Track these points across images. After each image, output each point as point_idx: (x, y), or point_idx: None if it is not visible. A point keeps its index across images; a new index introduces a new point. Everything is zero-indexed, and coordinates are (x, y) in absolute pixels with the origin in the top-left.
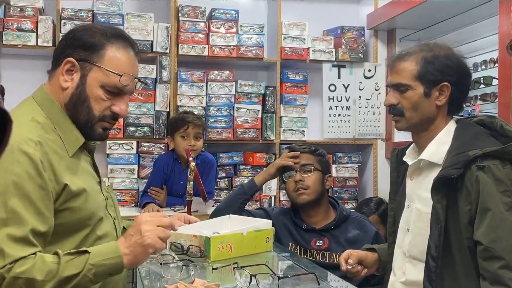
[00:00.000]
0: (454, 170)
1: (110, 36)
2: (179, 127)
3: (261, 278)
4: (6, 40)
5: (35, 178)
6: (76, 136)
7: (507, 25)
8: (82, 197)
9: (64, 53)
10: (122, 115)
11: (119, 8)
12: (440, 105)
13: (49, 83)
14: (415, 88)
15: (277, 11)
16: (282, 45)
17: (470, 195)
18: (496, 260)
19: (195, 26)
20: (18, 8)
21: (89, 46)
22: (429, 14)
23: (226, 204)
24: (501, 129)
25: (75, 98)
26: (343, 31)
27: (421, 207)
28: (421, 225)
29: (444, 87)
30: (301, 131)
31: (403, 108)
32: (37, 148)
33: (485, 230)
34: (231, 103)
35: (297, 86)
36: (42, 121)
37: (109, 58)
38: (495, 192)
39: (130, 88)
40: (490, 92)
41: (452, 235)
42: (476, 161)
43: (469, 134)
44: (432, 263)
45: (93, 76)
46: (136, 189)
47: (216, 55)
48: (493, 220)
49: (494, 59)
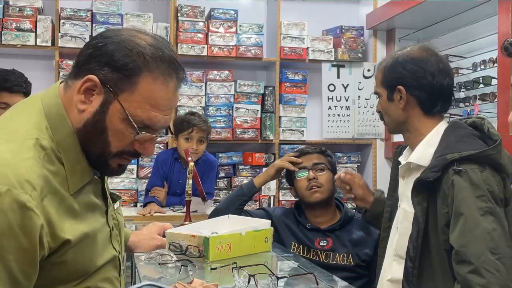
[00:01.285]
0: (431, 174)
1: (151, 59)
2: (184, 129)
3: (259, 278)
4: (5, 40)
5: (19, 236)
6: (83, 170)
7: (506, 25)
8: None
9: (87, 65)
10: (146, 156)
11: (118, 8)
12: (403, 108)
13: (65, 93)
14: (382, 94)
15: (276, 11)
16: (281, 45)
17: (447, 199)
18: (466, 264)
19: (194, 26)
20: (17, 8)
21: (121, 67)
22: (428, 14)
23: (225, 205)
24: (488, 132)
25: (90, 127)
26: (343, 31)
27: (407, 207)
28: (406, 225)
29: (399, 90)
30: (300, 131)
31: (381, 113)
32: (34, 194)
33: (457, 234)
34: (230, 103)
35: (296, 86)
36: (48, 145)
37: (141, 89)
38: (470, 197)
39: (161, 126)
40: (490, 92)
41: (431, 237)
42: (453, 165)
43: (455, 137)
44: (410, 264)
45: (118, 107)
46: (135, 189)
47: (215, 55)
48: (465, 224)
49: (493, 59)
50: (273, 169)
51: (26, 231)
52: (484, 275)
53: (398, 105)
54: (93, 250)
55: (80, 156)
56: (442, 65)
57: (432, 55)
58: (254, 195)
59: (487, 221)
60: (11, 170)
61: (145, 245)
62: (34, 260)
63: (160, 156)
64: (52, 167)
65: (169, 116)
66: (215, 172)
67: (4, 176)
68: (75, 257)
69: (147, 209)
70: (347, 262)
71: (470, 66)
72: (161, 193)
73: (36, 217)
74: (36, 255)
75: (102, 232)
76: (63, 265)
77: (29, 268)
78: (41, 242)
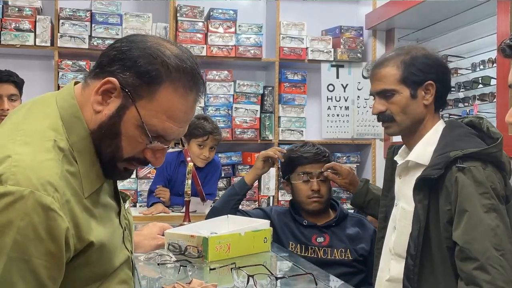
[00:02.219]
0: (435, 171)
1: (174, 69)
2: (199, 135)
3: (258, 278)
4: (4, 40)
5: (45, 240)
6: (97, 173)
7: (505, 25)
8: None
9: (110, 67)
10: (156, 166)
11: (117, 8)
12: (428, 104)
13: (82, 91)
14: (401, 91)
15: (275, 11)
16: (281, 45)
17: (450, 196)
18: (471, 261)
19: (194, 26)
20: (16, 8)
21: (143, 74)
22: (428, 14)
23: (220, 205)
24: (487, 131)
25: (104, 129)
26: (342, 31)
27: (406, 206)
28: (405, 223)
29: (429, 85)
30: (299, 131)
31: (392, 113)
32: (56, 196)
33: (461, 231)
34: (229, 103)
35: (295, 86)
36: (65, 146)
37: (160, 99)
38: (474, 194)
39: (174, 138)
40: (489, 92)
41: (432, 234)
42: (456, 162)
43: (454, 135)
44: (411, 262)
45: (134, 114)
46: (134, 189)
47: (215, 55)
48: (469, 221)
49: (492, 59)
50: (259, 161)
51: (53, 234)
52: (489, 271)
53: (422, 102)
54: (111, 251)
55: (95, 159)
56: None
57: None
58: (247, 193)
59: (491, 218)
60: (32, 172)
61: (146, 245)
62: (61, 263)
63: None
64: (71, 168)
65: (183, 129)
66: (218, 173)
67: (26, 179)
68: (97, 259)
69: (151, 209)
70: (345, 257)
71: (469, 66)
72: (166, 194)
73: (60, 219)
74: (62, 258)
75: (117, 233)
76: (86, 267)
77: (56, 272)
78: (67, 244)
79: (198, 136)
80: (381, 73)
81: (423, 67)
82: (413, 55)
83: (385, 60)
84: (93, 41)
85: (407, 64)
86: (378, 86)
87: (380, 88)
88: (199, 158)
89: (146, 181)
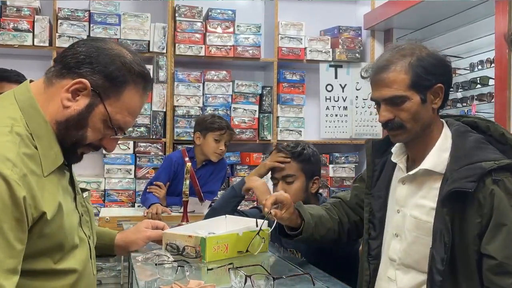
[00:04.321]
0: (470, 184)
1: (136, 74)
2: (217, 129)
3: (256, 278)
4: (2, 40)
5: (9, 206)
6: (56, 154)
7: (503, 25)
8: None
9: (79, 69)
10: (109, 151)
11: (116, 8)
12: (436, 108)
13: (44, 88)
14: (412, 97)
15: (274, 11)
16: (279, 45)
17: (482, 208)
18: (510, 275)
19: (192, 26)
20: (15, 8)
21: (112, 79)
22: (426, 14)
23: (219, 207)
24: (501, 137)
25: (72, 123)
26: (340, 31)
27: (419, 215)
28: (418, 234)
29: (438, 89)
30: (298, 131)
31: (402, 120)
32: (15, 170)
33: (499, 245)
34: (228, 103)
35: (294, 86)
36: (22, 132)
37: (125, 98)
38: (509, 207)
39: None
40: (487, 92)
41: (457, 247)
42: (491, 175)
43: (470, 142)
44: (438, 277)
45: (102, 111)
46: (132, 189)
47: (213, 55)
48: (508, 235)
49: (490, 59)
50: (264, 169)
51: (15, 202)
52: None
53: (431, 106)
54: (66, 228)
55: (53, 142)
56: None
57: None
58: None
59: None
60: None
61: (133, 238)
62: (25, 228)
63: (174, 155)
64: (28, 150)
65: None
66: (224, 173)
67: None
68: (51, 231)
69: (153, 208)
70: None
71: (467, 66)
72: (161, 192)
73: (19, 188)
74: (25, 223)
75: (73, 215)
76: (42, 238)
77: (22, 235)
78: (26, 211)
79: (215, 129)
80: (388, 78)
81: (432, 70)
82: (418, 56)
83: (390, 63)
84: None
85: (415, 67)
86: (385, 92)
87: (388, 94)
88: (215, 152)
89: (145, 181)
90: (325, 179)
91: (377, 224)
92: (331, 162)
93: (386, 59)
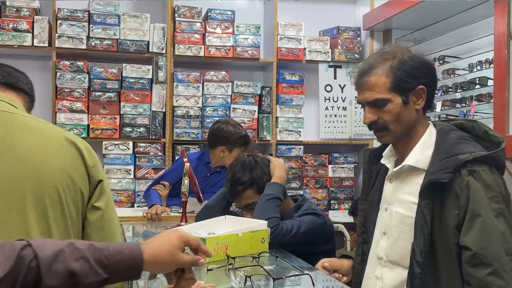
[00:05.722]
0: (445, 175)
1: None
2: (243, 144)
3: (255, 279)
4: (1, 41)
5: None
6: None
7: (502, 26)
8: None
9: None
10: None
11: (115, 8)
12: (419, 109)
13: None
14: (393, 99)
15: (273, 12)
16: (278, 46)
17: (459, 200)
18: (485, 266)
19: (191, 26)
20: (14, 8)
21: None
22: (425, 15)
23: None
24: (485, 134)
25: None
26: (339, 31)
27: (403, 210)
28: (402, 229)
29: (420, 90)
30: (297, 132)
31: (385, 122)
32: None
33: (475, 236)
34: (227, 103)
35: (293, 86)
36: None
37: None
38: (485, 198)
39: None
40: (486, 93)
41: (437, 239)
42: (466, 166)
43: (452, 138)
44: (418, 269)
45: None
46: (132, 189)
47: (212, 56)
48: (483, 226)
49: (489, 60)
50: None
51: None
52: (503, 277)
53: (413, 108)
54: None
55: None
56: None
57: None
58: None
59: (500, 222)
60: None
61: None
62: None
63: (189, 155)
64: None
65: None
66: None
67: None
68: None
69: (153, 209)
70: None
71: (466, 67)
72: (164, 192)
73: None
74: None
75: None
76: None
77: None
78: None
79: (242, 145)
80: (370, 82)
81: (413, 72)
82: (400, 59)
83: (372, 67)
84: (91, 41)
85: (396, 70)
86: (368, 95)
87: (371, 98)
88: None
89: (144, 181)
90: (324, 179)
91: (370, 228)
92: (330, 162)
93: (368, 63)
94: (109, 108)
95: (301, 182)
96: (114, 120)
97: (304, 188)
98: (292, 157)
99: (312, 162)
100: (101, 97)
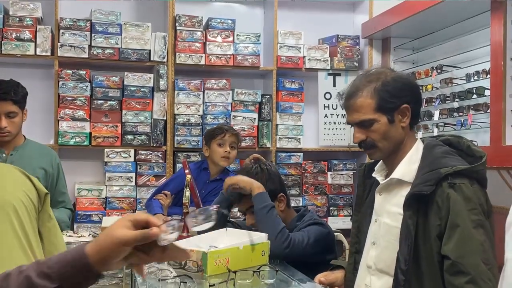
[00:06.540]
0: (427, 187)
1: None
2: (216, 134)
3: None
4: (5, 50)
5: None
6: None
7: (498, 36)
8: None
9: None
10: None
11: (117, 17)
12: (405, 126)
13: None
14: (379, 119)
15: (273, 20)
16: (278, 54)
17: (441, 211)
18: (462, 275)
19: (192, 35)
20: (17, 17)
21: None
22: (424, 24)
23: None
24: (468, 149)
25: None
26: (338, 40)
27: (390, 221)
28: (389, 239)
29: (404, 109)
30: (297, 139)
31: (373, 140)
32: None
33: (453, 246)
34: (227, 111)
35: (293, 94)
36: None
37: None
38: (464, 210)
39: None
40: (483, 103)
41: (421, 249)
42: (447, 179)
43: (437, 153)
44: (401, 277)
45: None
46: (133, 196)
47: (213, 64)
48: (461, 236)
49: (486, 70)
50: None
51: None
52: (480, 285)
53: (399, 125)
54: None
55: None
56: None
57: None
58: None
59: (479, 233)
60: None
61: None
62: None
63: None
64: None
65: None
66: None
67: None
68: None
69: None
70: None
71: (464, 76)
72: (166, 201)
73: None
74: None
75: None
76: None
77: None
78: None
79: (216, 135)
80: (356, 104)
81: (396, 92)
82: (384, 80)
83: (357, 90)
84: (93, 50)
85: (380, 92)
86: (355, 117)
87: (358, 119)
88: (222, 157)
89: (145, 188)
90: (323, 186)
91: (362, 238)
92: (329, 169)
93: (355, 86)
94: (111, 116)
95: (300, 189)
96: (116, 128)
97: (304, 195)
98: (292, 164)
99: (311, 169)
100: (103, 106)
